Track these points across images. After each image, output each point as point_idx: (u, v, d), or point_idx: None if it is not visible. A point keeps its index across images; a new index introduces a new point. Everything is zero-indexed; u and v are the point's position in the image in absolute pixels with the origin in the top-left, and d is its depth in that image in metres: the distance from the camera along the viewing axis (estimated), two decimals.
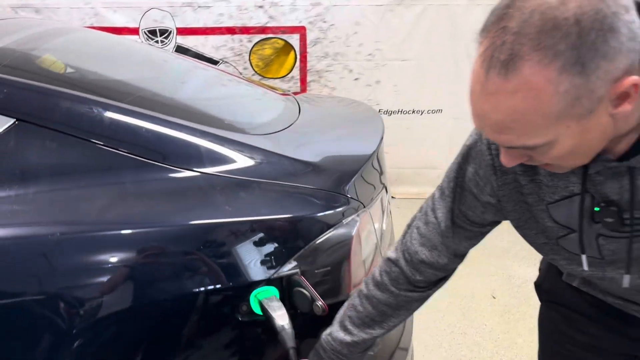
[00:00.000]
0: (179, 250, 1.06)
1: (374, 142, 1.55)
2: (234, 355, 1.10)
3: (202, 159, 1.19)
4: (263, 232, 1.10)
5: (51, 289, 1.00)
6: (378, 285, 1.07)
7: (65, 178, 1.10)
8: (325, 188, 1.23)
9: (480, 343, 2.53)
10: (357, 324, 1.07)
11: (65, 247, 1.00)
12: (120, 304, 1.01)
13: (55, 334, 1.00)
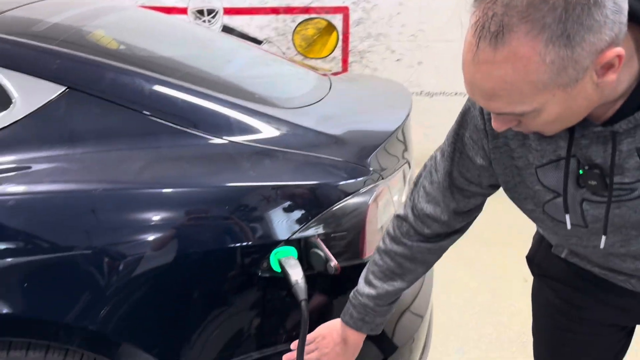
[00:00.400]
0: (207, 210, 1.17)
1: (399, 119, 1.61)
2: (255, 307, 1.20)
3: (231, 128, 1.28)
4: (284, 196, 1.20)
5: (91, 240, 1.12)
6: (393, 239, 1.14)
7: (108, 141, 1.22)
8: (346, 159, 1.31)
9: (506, 323, 2.56)
10: (380, 277, 1.15)
11: (105, 202, 1.12)
12: (152, 257, 1.12)
13: (94, 281, 1.13)
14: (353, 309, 1.17)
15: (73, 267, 1.12)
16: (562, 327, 1.18)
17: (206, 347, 1.19)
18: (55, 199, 1.12)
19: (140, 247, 1.13)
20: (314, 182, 1.23)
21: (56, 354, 1.18)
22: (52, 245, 1.11)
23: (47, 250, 1.11)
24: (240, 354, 1.21)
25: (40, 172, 1.15)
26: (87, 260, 1.11)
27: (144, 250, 1.13)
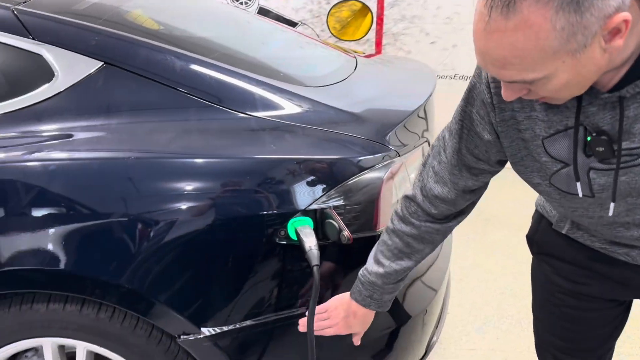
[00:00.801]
0: (230, 180, 1.25)
1: (421, 98, 1.65)
2: (273, 272, 1.28)
3: (255, 104, 1.36)
4: (302, 169, 1.26)
5: (124, 205, 1.21)
6: (401, 219, 1.19)
7: (141, 113, 1.31)
8: (364, 136, 1.36)
9: (528, 306, 2.56)
10: (388, 256, 1.20)
11: (137, 169, 1.22)
12: (178, 222, 1.21)
13: (125, 243, 1.22)
14: (361, 286, 1.23)
15: (107, 229, 1.22)
16: (560, 304, 1.21)
17: (228, 309, 1.28)
18: (91, 165, 1.22)
19: (168, 212, 1.21)
20: (331, 156, 1.29)
21: (90, 308, 1.29)
22: (89, 208, 1.21)
23: (85, 212, 1.21)
24: (259, 315, 1.29)
25: (79, 140, 1.25)
26: (120, 223, 1.21)
27: (171, 215, 1.21)
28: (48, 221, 1.21)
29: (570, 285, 1.18)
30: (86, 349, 1.33)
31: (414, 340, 1.56)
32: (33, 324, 1.30)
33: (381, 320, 1.44)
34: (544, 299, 1.27)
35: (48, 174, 1.22)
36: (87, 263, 1.24)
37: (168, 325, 1.28)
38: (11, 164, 1.22)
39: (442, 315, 1.81)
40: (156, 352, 1.32)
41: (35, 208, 1.21)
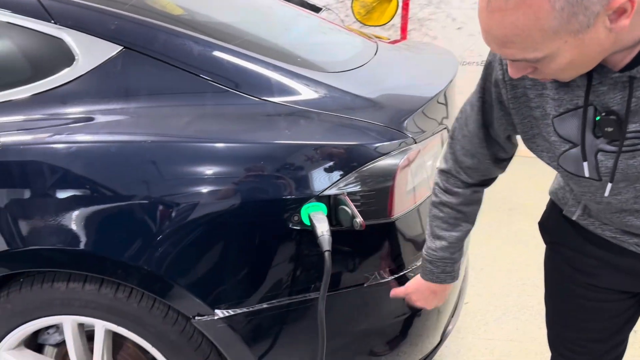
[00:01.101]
0: (244, 164, 1.25)
1: (440, 85, 1.63)
2: (287, 257, 1.29)
3: (271, 90, 1.36)
4: (316, 155, 1.26)
5: (141, 188, 1.23)
6: (445, 191, 1.22)
7: (158, 97, 1.32)
8: (380, 122, 1.35)
9: None
10: (445, 227, 1.23)
11: (153, 152, 1.23)
12: (192, 206, 1.23)
13: (141, 225, 1.24)
14: (431, 266, 1.27)
15: (124, 211, 1.24)
16: (572, 294, 1.20)
17: (241, 292, 1.29)
18: (109, 148, 1.24)
19: (183, 196, 1.23)
20: (346, 142, 1.29)
21: (109, 287, 1.32)
22: (107, 190, 1.23)
23: (102, 194, 1.23)
24: (272, 299, 1.30)
25: (98, 123, 1.27)
26: (136, 205, 1.23)
27: (186, 199, 1.23)
28: (67, 202, 1.23)
29: (580, 276, 1.16)
30: (104, 327, 1.37)
31: (428, 327, 1.56)
32: (53, 302, 1.34)
33: (395, 307, 1.45)
34: (555, 289, 1.27)
35: (68, 156, 1.25)
36: (104, 244, 1.26)
37: (183, 307, 1.31)
38: (32, 146, 1.25)
39: (459, 304, 1.79)
40: (172, 332, 1.35)
41: (55, 189, 1.23)
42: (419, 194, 1.42)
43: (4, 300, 1.36)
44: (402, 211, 1.34)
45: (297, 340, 1.38)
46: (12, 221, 1.26)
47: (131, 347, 1.50)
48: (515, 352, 2.18)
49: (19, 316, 1.37)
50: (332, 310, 1.37)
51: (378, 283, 1.37)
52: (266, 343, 1.36)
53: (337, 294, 1.35)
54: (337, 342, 1.45)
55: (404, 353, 1.55)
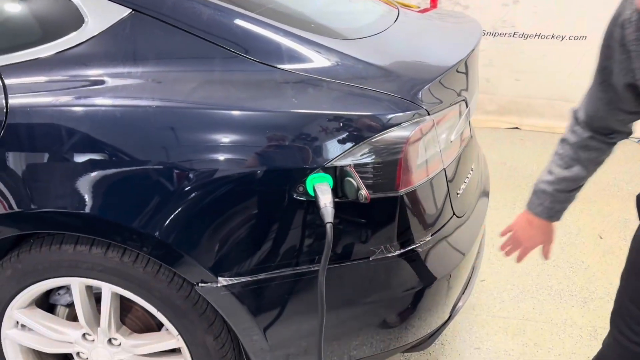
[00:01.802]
0: (248, 133, 1.23)
1: (460, 54, 1.56)
2: (292, 227, 1.27)
3: (281, 56, 1.32)
4: (323, 125, 1.23)
5: (143, 154, 1.22)
6: (569, 128, 1.27)
7: (166, 62, 1.30)
8: (392, 92, 1.30)
9: (571, 277, 2.49)
10: (559, 164, 1.28)
11: (157, 118, 1.22)
12: (197, 174, 1.21)
13: (145, 190, 1.24)
14: (534, 196, 1.34)
15: (129, 177, 1.23)
16: None
17: (245, 260, 1.29)
18: (115, 112, 1.23)
19: (187, 163, 1.21)
20: (355, 113, 1.25)
21: (115, 251, 1.33)
22: (111, 155, 1.22)
23: (107, 159, 1.22)
24: (275, 269, 1.30)
25: (105, 87, 1.26)
26: (139, 171, 1.22)
27: (191, 166, 1.21)
28: (71, 166, 1.23)
29: None
30: (111, 290, 1.38)
31: (438, 302, 1.53)
32: (61, 264, 1.36)
33: (403, 281, 1.43)
34: (633, 264, 1.25)
35: (75, 120, 1.24)
36: (109, 209, 1.26)
37: (187, 273, 1.31)
38: (38, 109, 1.25)
39: (472, 280, 1.76)
40: (177, 298, 1.36)
41: (59, 153, 1.23)
42: (431, 167, 1.38)
43: (15, 260, 1.39)
44: (411, 185, 1.31)
45: (302, 312, 1.37)
46: (21, 183, 1.27)
47: (140, 311, 1.52)
48: (530, 331, 2.14)
49: (29, 276, 1.40)
50: (337, 282, 1.36)
51: (384, 257, 1.35)
52: (270, 313, 1.36)
53: (342, 266, 1.34)
54: (345, 314, 1.44)
55: (412, 327, 1.53)
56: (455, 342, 2.08)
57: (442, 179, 1.43)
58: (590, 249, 2.71)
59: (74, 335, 1.49)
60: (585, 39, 3.84)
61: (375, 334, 1.51)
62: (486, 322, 2.20)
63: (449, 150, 1.46)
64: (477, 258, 1.79)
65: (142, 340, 1.49)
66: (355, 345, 1.51)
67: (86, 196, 1.25)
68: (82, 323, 1.45)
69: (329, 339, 1.45)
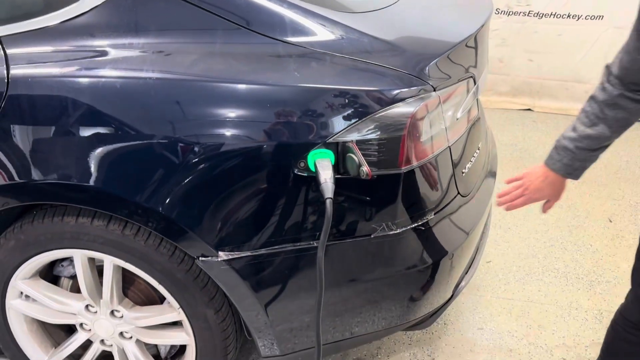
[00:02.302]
0: (250, 106, 1.21)
1: (470, 29, 1.53)
2: (293, 203, 1.26)
3: (285, 29, 1.29)
4: (325, 100, 1.21)
5: (143, 127, 1.21)
6: (600, 85, 1.24)
7: (168, 33, 1.28)
8: (397, 67, 1.28)
9: (579, 260, 2.46)
10: (584, 122, 1.26)
11: (157, 89, 1.20)
12: (197, 148, 1.20)
13: (143, 162, 1.23)
14: (554, 151, 1.33)
15: (128, 149, 1.23)
16: None
17: (245, 235, 1.28)
18: (115, 84, 1.22)
19: (188, 137, 1.20)
20: (358, 88, 1.23)
21: (116, 224, 1.33)
22: (109, 127, 1.21)
23: (105, 131, 1.22)
24: (275, 244, 1.29)
25: (106, 58, 1.25)
26: (139, 144, 1.22)
27: (191, 140, 1.20)
28: (72, 137, 1.23)
29: None
30: (112, 262, 1.39)
31: (440, 281, 1.52)
32: (64, 235, 1.36)
33: (405, 259, 1.42)
34: None
35: (76, 91, 1.23)
36: (114, 182, 1.26)
37: (188, 247, 1.31)
38: (41, 80, 1.24)
39: (475, 260, 1.75)
40: (178, 271, 1.36)
41: (59, 124, 1.23)
42: (436, 145, 1.36)
43: (18, 231, 1.40)
44: (414, 162, 1.29)
45: (303, 288, 1.37)
46: (22, 155, 1.27)
47: (142, 284, 1.53)
48: (534, 313, 2.13)
49: (31, 247, 1.40)
50: (338, 259, 1.35)
51: (386, 235, 1.33)
52: (271, 289, 1.36)
53: (343, 243, 1.33)
54: (346, 291, 1.44)
55: (414, 305, 1.53)
56: (458, 322, 2.08)
57: (446, 157, 1.41)
58: (599, 233, 2.68)
59: (77, 307, 1.50)
60: (602, 18, 3.74)
61: (377, 311, 1.50)
62: (490, 303, 2.19)
63: (454, 128, 1.43)
64: (482, 238, 1.77)
65: (144, 313, 1.50)
66: (357, 322, 1.51)
67: (86, 168, 1.24)
68: (84, 295, 1.46)
69: (330, 315, 1.45)
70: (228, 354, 1.52)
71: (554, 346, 1.98)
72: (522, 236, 2.64)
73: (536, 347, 1.97)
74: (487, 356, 1.93)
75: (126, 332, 1.53)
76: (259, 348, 1.49)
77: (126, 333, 1.54)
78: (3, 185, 1.29)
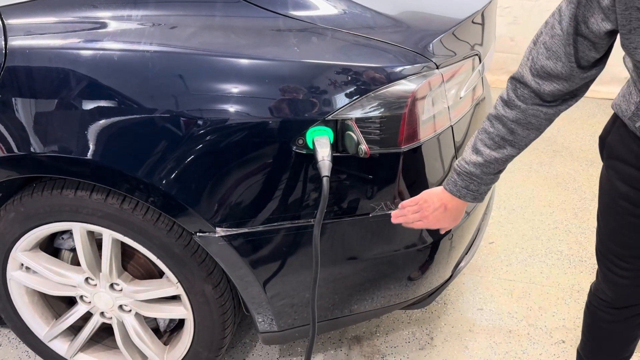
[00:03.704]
0: (246, 81, 1.19)
1: (475, 6, 1.49)
2: (290, 180, 1.25)
3: (286, 3, 1.27)
4: (324, 76, 1.19)
5: (139, 100, 1.19)
6: (506, 104, 1.13)
7: (167, 6, 1.27)
8: (399, 43, 1.25)
9: (582, 243, 2.44)
10: (489, 145, 1.16)
11: (154, 63, 1.19)
12: (195, 123, 1.19)
13: (143, 138, 1.22)
14: (457, 177, 1.20)
15: (126, 123, 1.21)
16: (621, 211, 1.21)
17: (243, 212, 1.27)
18: (112, 57, 1.20)
19: (185, 111, 1.18)
20: (358, 64, 1.20)
21: (115, 198, 1.33)
22: (107, 100, 1.20)
23: (103, 103, 1.20)
24: (272, 222, 1.28)
25: (103, 31, 1.23)
26: (136, 119, 1.20)
27: (189, 115, 1.18)
28: (69, 110, 1.22)
29: (633, 193, 1.16)
30: (111, 236, 1.39)
31: (439, 261, 1.51)
32: (63, 208, 1.36)
33: (405, 237, 1.41)
34: (607, 206, 1.26)
35: (75, 63, 1.21)
36: (111, 155, 1.25)
37: (186, 222, 1.31)
38: (39, 51, 1.23)
39: (476, 241, 1.74)
40: (176, 246, 1.36)
41: (57, 97, 1.22)
42: (438, 123, 1.34)
43: (18, 203, 1.40)
44: (415, 141, 1.27)
45: (301, 265, 1.37)
46: (20, 127, 1.26)
47: (142, 258, 1.54)
48: (535, 295, 2.13)
49: (31, 219, 1.41)
50: (336, 237, 1.35)
51: (385, 214, 1.32)
52: (269, 266, 1.36)
53: (341, 221, 1.32)
54: (345, 269, 1.44)
55: (413, 284, 1.53)
56: (458, 302, 2.08)
57: (448, 136, 1.39)
58: None
59: (77, 279, 1.51)
60: None
61: (376, 289, 1.50)
62: (491, 284, 2.18)
63: (458, 107, 1.41)
64: (484, 219, 1.76)
65: (142, 287, 1.51)
66: (356, 299, 1.51)
67: (83, 141, 1.23)
68: (84, 268, 1.47)
69: (330, 293, 1.45)
70: (226, 328, 1.53)
71: (554, 328, 1.98)
72: (527, 218, 2.62)
73: (536, 329, 1.97)
74: (486, 336, 1.93)
75: (125, 305, 1.55)
76: (257, 324, 1.50)
77: (125, 306, 1.55)
78: (2, 157, 1.29)
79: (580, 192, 2.83)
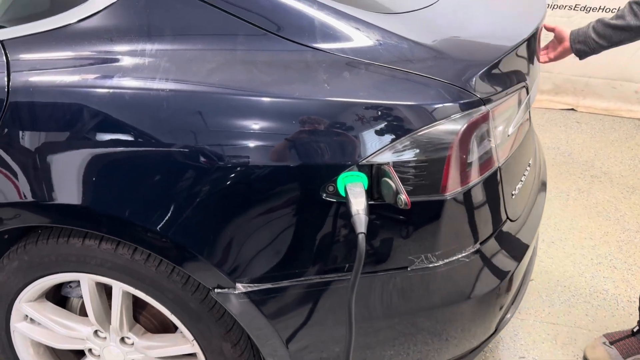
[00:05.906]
0: (273, 122, 1.07)
1: (522, 34, 1.35)
2: (319, 231, 1.12)
3: (315, 34, 1.14)
4: (358, 116, 1.06)
5: (152, 140, 1.07)
6: None
7: (184, 39, 1.15)
8: (441, 77, 1.12)
9: (630, 281, 2.26)
10: None
11: (170, 103, 1.07)
12: (214, 169, 1.07)
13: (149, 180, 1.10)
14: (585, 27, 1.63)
15: (138, 169, 1.10)
16: None
17: (265, 266, 1.14)
18: (123, 95, 1.09)
19: (204, 156, 1.06)
20: (396, 102, 1.07)
21: (125, 248, 1.21)
22: (117, 143, 1.09)
23: (111, 147, 1.09)
24: (298, 276, 1.15)
25: (114, 66, 1.12)
26: (151, 165, 1.09)
27: (207, 160, 1.06)
28: (70, 154, 1.11)
29: None
30: (122, 289, 1.27)
31: (484, 315, 1.36)
32: (69, 258, 1.25)
33: (447, 292, 1.26)
34: None
35: (81, 103, 1.11)
36: (120, 205, 1.13)
37: (203, 277, 1.18)
38: (43, 87, 1.12)
39: (522, 289, 1.58)
40: (192, 301, 1.23)
41: (57, 138, 1.11)
42: (484, 166, 1.19)
43: (22, 251, 1.29)
44: (459, 187, 1.13)
45: (328, 323, 1.23)
46: (22, 172, 1.15)
47: (155, 308, 1.41)
48: (582, 341, 1.94)
49: (36, 269, 1.29)
50: (370, 292, 1.21)
51: (425, 268, 1.18)
52: (293, 323, 1.22)
53: (375, 276, 1.18)
54: (378, 323, 1.29)
55: (454, 340, 1.37)
56: (498, 350, 1.91)
57: (495, 179, 1.24)
58: None
59: (85, 332, 1.39)
60: None
61: (412, 344, 1.35)
62: (533, 328, 2.01)
63: (504, 145, 1.26)
64: (530, 264, 1.60)
65: (155, 342, 1.38)
66: (390, 355, 1.36)
67: (88, 189, 1.12)
68: (92, 321, 1.35)
69: (361, 347, 1.31)
70: None
71: None
72: (567, 252, 2.44)
73: None
74: None
75: None
76: None
77: None
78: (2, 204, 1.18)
79: (623, 222, 2.64)
